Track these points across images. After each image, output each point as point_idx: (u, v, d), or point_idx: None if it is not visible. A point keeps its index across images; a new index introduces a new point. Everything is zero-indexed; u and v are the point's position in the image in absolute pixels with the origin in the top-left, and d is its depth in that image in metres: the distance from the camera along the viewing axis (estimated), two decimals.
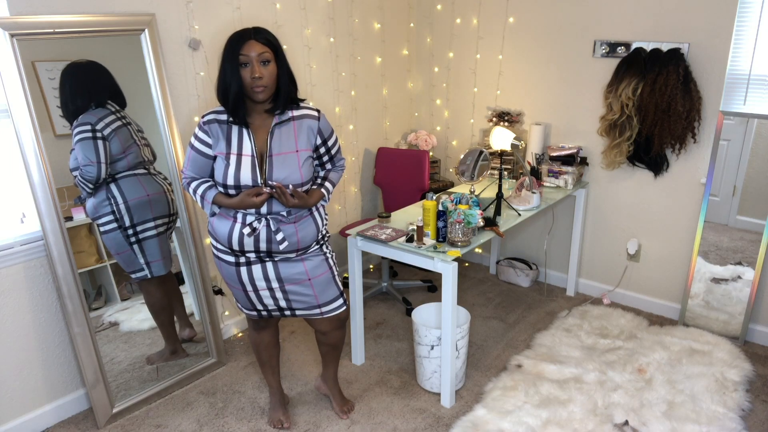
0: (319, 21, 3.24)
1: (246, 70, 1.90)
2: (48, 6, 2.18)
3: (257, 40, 1.90)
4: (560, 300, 3.53)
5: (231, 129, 1.99)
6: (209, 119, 2.00)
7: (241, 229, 2.00)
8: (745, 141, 2.90)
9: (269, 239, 2.02)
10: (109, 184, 2.29)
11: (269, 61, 1.91)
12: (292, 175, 2.00)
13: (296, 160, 2.02)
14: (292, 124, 2.04)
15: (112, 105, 2.34)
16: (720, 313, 3.07)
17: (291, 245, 2.06)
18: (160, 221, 2.49)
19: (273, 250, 2.05)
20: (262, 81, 1.90)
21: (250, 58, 1.88)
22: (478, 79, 3.70)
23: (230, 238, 2.02)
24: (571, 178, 3.23)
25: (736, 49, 2.77)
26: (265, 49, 1.90)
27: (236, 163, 1.97)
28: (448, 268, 2.34)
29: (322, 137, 2.10)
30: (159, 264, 2.54)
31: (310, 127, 2.06)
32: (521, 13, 3.41)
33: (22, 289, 2.31)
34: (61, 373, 2.48)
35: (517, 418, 2.40)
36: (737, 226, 3.00)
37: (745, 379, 2.67)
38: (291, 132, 2.03)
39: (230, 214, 2.03)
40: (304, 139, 2.05)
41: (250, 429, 2.43)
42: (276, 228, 2.02)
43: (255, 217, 2.01)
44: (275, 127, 2.02)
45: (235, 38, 1.91)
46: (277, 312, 2.23)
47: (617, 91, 3.02)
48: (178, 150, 2.59)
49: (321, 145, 2.11)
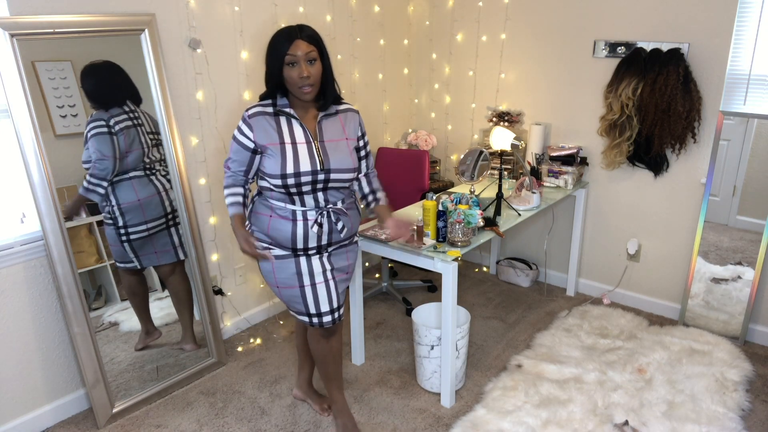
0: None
1: (293, 70, 1.89)
2: (48, 6, 2.18)
3: (303, 38, 1.88)
4: (560, 300, 3.53)
5: (279, 120, 2.00)
6: (254, 112, 1.99)
7: (304, 227, 2.02)
8: (745, 141, 2.90)
9: (331, 230, 2.07)
10: (107, 188, 2.30)
11: (315, 60, 1.91)
12: (345, 161, 2.03)
13: (347, 146, 2.06)
14: (338, 116, 2.09)
15: (128, 104, 2.37)
16: (720, 313, 3.07)
17: (349, 231, 2.14)
18: (153, 223, 2.50)
19: (332, 241, 2.10)
20: (309, 80, 1.90)
21: (298, 58, 1.87)
22: (478, 79, 3.70)
23: (294, 237, 2.03)
24: (571, 178, 3.23)
25: (736, 49, 2.77)
26: (311, 48, 1.90)
27: (293, 151, 1.97)
28: (448, 268, 2.34)
29: (362, 131, 2.17)
30: (150, 257, 2.55)
31: (353, 119, 2.13)
32: (521, 13, 3.41)
33: (22, 289, 2.31)
34: (61, 373, 2.48)
35: (517, 418, 2.40)
36: (737, 226, 3.00)
37: (745, 379, 2.67)
38: (338, 122, 2.08)
39: (287, 214, 2.03)
40: (350, 129, 2.10)
41: (250, 429, 2.43)
42: (336, 218, 2.07)
43: (317, 212, 2.04)
44: (322, 117, 2.05)
45: (281, 37, 1.89)
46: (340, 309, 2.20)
47: (617, 91, 3.02)
48: (179, 150, 2.58)
49: (361, 137, 2.16)
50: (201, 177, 2.84)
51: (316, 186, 2.01)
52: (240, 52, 2.87)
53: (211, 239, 2.95)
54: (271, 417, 2.51)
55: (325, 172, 1.99)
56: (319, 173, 1.98)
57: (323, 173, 1.99)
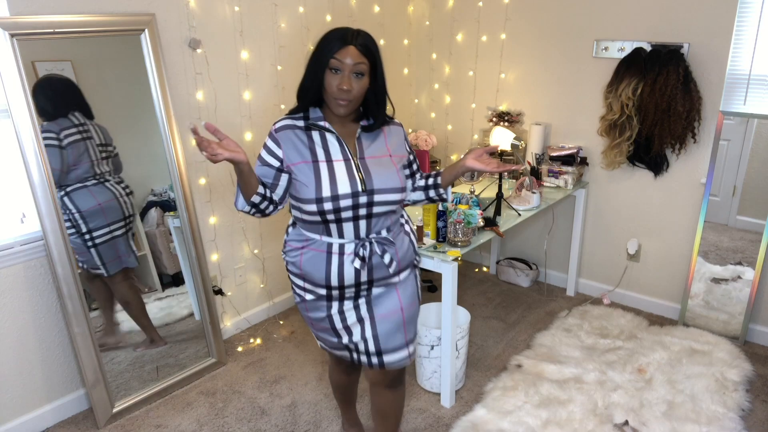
0: (319, 33, 3.24)
1: (335, 77, 1.62)
2: (48, 6, 2.18)
3: (357, 46, 1.61)
4: (560, 300, 3.53)
5: (311, 134, 1.71)
6: (282, 125, 1.72)
7: (339, 261, 1.72)
8: (745, 141, 2.90)
9: (373, 266, 1.75)
10: (62, 198, 2.30)
11: (363, 75, 1.64)
12: (391, 179, 1.73)
13: (391, 163, 1.76)
14: (381, 131, 1.80)
15: (77, 117, 2.34)
16: (720, 313, 3.07)
17: (397, 266, 1.81)
18: (115, 225, 2.49)
19: (375, 278, 1.78)
20: (348, 95, 1.62)
21: (344, 66, 1.60)
22: (478, 79, 3.70)
23: (328, 274, 1.73)
24: (571, 178, 3.23)
25: (736, 49, 2.77)
26: (362, 60, 1.62)
27: (328, 170, 1.67)
28: (448, 268, 2.34)
29: (408, 145, 1.88)
30: (114, 263, 2.54)
31: (397, 133, 1.84)
32: (521, 13, 3.41)
33: (22, 289, 2.31)
34: (61, 373, 2.48)
35: (517, 418, 2.40)
36: (737, 226, 3.00)
37: (745, 379, 2.67)
38: (381, 137, 1.80)
39: (322, 247, 1.73)
40: (395, 144, 1.81)
41: (250, 429, 2.43)
42: (382, 250, 1.75)
43: (357, 244, 1.73)
44: (362, 132, 1.77)
45: (333, 38, 1.63)
46: (365, 355, 1.86)
47: (617, 91, 3.02)
48: (179, 150, 2.59)
49: (409, 153, 1.88)
50: (201, 177, 2.84)
51: (358, 212, 1.70)
52: (240, 52, 2.87)
53: (211, 239, 2.95)
54: (271, 417, 2.51)
55: (368, 193, 1.68)
56: (361, 195, 1.68)
57: (366, 195, 1.68)
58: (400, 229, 1.85)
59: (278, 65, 3.06)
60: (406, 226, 1.90)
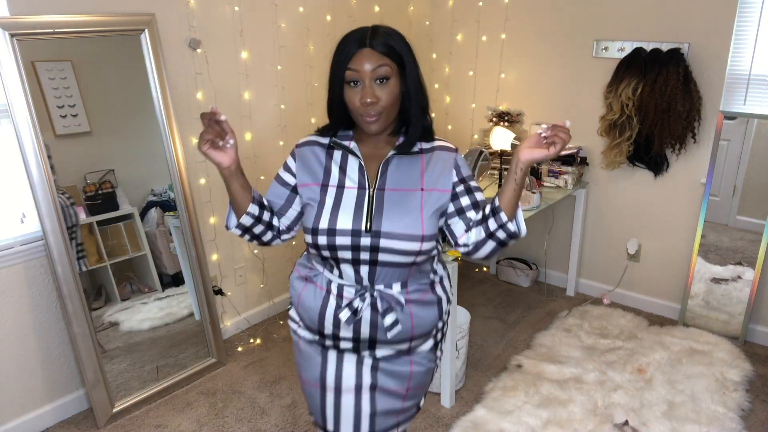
0: (319, 33, 3.24)
1: (355, 91, 1.32)
2: (48, 6, 2.18)
3: (374, 47, 1.31)
4: (560, 300, 3.53)
5: (332, 154, 1.44)
6: (305, 141, 1.48)
7: (338, 306, 1.41)
8: (745, 141, 2.90)
9: (374, 323, 1.40)
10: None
11: (387, 79, 1.32)
12: (406, 223, 1.35)
13: (418, 201, 1.38)
14: (419, 157, 1.42)
15: None
16: (720, 313, 3.07)
17: (404, 333, 1.43)
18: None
19: (379, 339, 1.43)
20: (375, 108, 1.32)
21: (362, 75, 1.30)
22: (478, 79, 3.70)
23: (322, 317, 1.43)
24: (571, 178, 3.23)
25: (736, 49, 2.77)
26: (382, 61, 1.31)
27: (335, 198, 1.38)
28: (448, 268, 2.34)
29: (459, 173, 1.43)
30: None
31: (445, 161, 1.42)
32: (521, 13, 3.41)
33: (22, 289, 2.31)
34: (61, 373, 2.48)
35: (517, 418, 2.40)
36: (737, 226, 3.00)
37: (745, 379, 2.67)
38: (417, 164, 1.41)
39: (323, 282, 1.44)
40: (436, 175, 1.40)
41: (250, 429, 2.43)
42: (385, 308, 1.39)
43: (357, 291, 1.40)
44: (395, 155, 1.41)
45: (344, 45, 1.33)
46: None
47: (617, 91, 3.02)
48: (179, 150, 2.58)
49: (458, 183, 1.42)
50: (201, 177, 2.84)
51: (359, 255, 1.37)
52: (240, 52, 2.87)
53: (211, 239, 2.95)
54: (271, 417, 2.51)
55: (372, 235, 1.35)
56: (363, 236, 1.35)
57: (369, 236, 1.35)
58: (424, 289, 1.45)
59: (278, 65, 3.06)
60: (438, 288, 1.49)
